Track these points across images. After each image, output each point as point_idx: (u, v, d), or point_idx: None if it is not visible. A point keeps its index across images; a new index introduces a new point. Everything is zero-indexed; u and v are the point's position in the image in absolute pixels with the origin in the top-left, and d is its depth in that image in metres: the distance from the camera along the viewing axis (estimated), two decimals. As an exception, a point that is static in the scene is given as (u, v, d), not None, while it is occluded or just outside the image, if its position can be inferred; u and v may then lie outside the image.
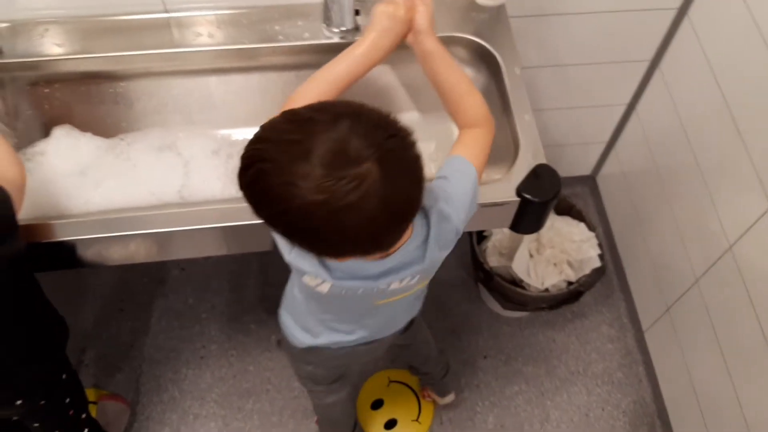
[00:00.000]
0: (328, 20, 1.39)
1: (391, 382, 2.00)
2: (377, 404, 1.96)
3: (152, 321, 2.07)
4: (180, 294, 2.12)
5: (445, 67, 1.13)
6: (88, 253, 1.23)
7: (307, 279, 1.04)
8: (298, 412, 1.94)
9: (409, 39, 1.14)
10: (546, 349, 2.09)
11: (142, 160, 1.37)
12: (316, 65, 1.14)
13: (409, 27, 1.12)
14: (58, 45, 1.37)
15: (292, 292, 1.26)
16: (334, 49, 1.20)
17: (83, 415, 1.54)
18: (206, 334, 2.06)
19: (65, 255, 1.21)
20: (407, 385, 1.99)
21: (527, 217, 1.30)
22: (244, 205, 0.85)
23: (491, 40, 1.42)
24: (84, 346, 2.01)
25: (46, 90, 1.40)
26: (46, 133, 1.39)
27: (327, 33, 1.41)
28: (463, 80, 1.13)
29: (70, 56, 1.37)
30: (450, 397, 1.94)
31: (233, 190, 1.33)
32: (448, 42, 1.46)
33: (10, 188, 1.03)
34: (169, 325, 2.06)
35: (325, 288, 1.03)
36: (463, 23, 1.45)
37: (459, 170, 1.05)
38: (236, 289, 2.14)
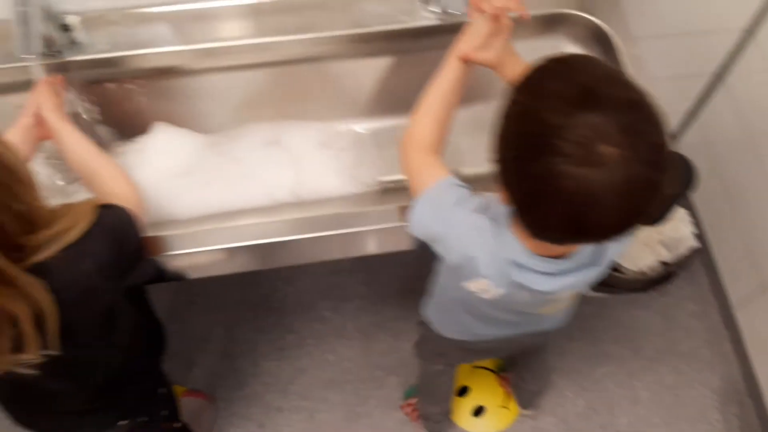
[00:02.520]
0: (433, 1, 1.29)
1: (475, 367, 1.94)
2: (462, 391, 1.91)
3: (226, 313, 1.99)
4: (252, 285, 2.04)
5: None
6: (205, 264, 1.16)
7: (470, 284, 0.98)
8: (383, 402, 1.88)
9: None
10: (631, 328, 2.03)
11: (250, 158, 1.28)
12: (416, 50, 1.14)
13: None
14: (144, 38, 1.26)
15: (442, 293, 1.19)
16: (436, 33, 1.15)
17: (178, 425, 1.49)
18: (281, 325, 1.99)
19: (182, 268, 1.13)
20: (492, 371, 1.94)
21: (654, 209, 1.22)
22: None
23: (600, 14, 1.32)
24: (156, 340, 1.94)
25: (131, 86, 1.30)
26: (136, 131, 1.30)
27: (425, 14, 1.31)
28: None
29: (155, 50, 1.27)
30: (530, 412, 1.90)
31: (350, 186, 1.26)
32: (550, 20, 1.37)
33: (131, 206, 0.95)
34: (243, 317, 1.99)
35: (492, 294, 0.98)
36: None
37: None
38: (307, 277, 2.06)
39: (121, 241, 0.90)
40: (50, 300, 0.80)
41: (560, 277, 0.94)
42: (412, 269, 2.09)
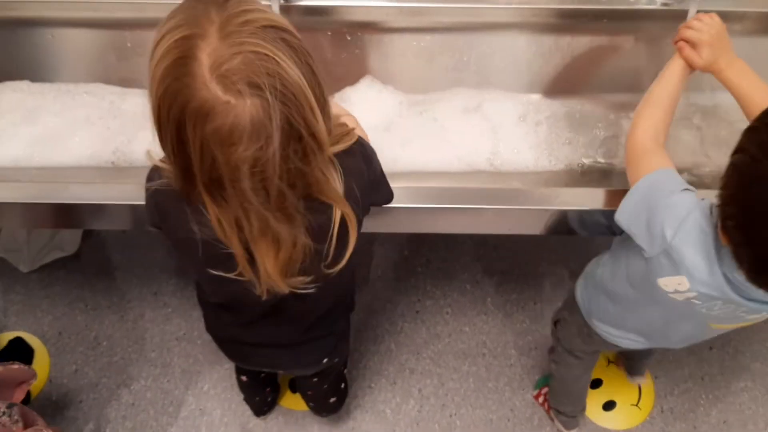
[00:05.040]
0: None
1: (610, 362, 1.92)
2: (596, 384, 1.89)
3: (369, 269, 2.04)
4: (395, 244, 2.08)
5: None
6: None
7: (667, 281, 0.96)
8: (515, 380, 1.89)
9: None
10: (776, 347, 1.96)
11: (449, 122, 1.29)
12: (631, 32, 1.16)
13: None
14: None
15: (616, 287, 1.18)
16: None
17: (345, 370, 1.55)
18: (421, 289, 2.02)
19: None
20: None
21: None
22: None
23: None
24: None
25: (348, 38, 1.33)
26: (344, 82, 1.33)
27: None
28: None
29: (369, 4, 1.30)
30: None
31: (546, 161, 1.26)
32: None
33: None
34: (384, 275, 2.04)
35: (684, 296, 0.97)
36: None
37: None
38: (452, 246, 2.09)
39: (374, 164, 0.96)
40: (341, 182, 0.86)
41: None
42: (556, 253, 2.08)
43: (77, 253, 2.06)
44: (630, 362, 1.85)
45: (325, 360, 1.26)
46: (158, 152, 0.82)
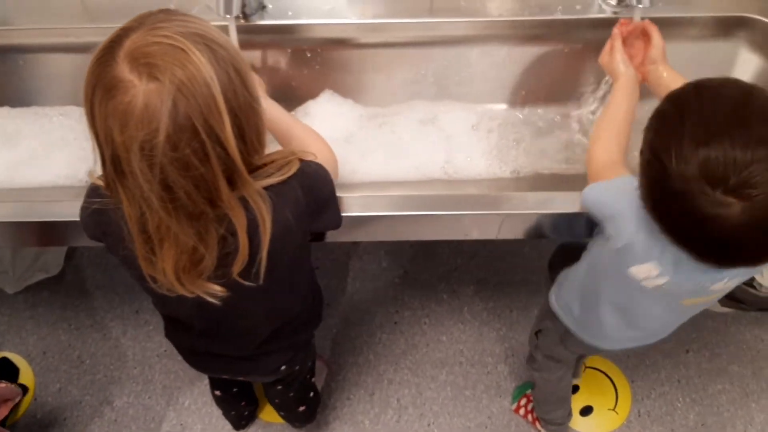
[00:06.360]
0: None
1: (587, 367, 1.94)
2: (572, 389, 1.91)
3: (347, 281, 2.07)
4: (374, 255, 2.11)
5: None
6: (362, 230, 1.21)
7: (638, 270, 1.00)
8: (492, 388, 1.91)
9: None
10: (753, 348, 1.98)
11: (406, 133, 1.33)
12: (582, 40, 1.22)
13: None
14: (323, 9, 1.34)
15: (594, 281, 1.21)
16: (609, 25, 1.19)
17: (313, 379, 1.57)
18: (399, 300, 2.05)
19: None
20: (604, 373, 1.93)
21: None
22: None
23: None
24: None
25: (309, 54, 1.37)
26: (305, 96, 1.37)
27: (603, 6, 1.33)
28: None
29: (328, 22, 1.33)
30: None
31: (497, 169, 1.29)
32: (728, 24, 1.35)
33: (325, 165, 1.01)
34: (363, 287, 2.06)
35: (658, 282, 1.00)
36: (751, 0, 1.33)
37: None
38: (429, 257, 2.12)
39: (316, 192, 0.97)
40: (269, 214, 0.87)
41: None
42: (532, 261, 2.11)
43: (61, 273, 2.10)
44: None
45: (282, 368, 1.28)
46: (98, 171, 0.86)
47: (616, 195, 1.00)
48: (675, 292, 1.03)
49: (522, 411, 1.86)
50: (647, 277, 0.99)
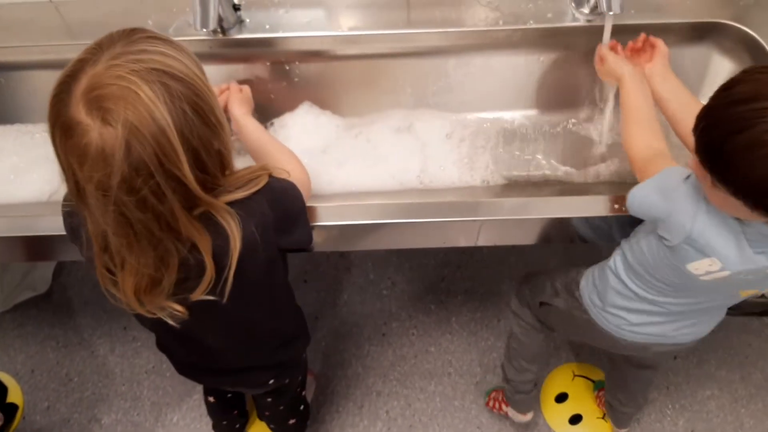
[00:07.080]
0: (578, 2, 1.32)
1: (575, 376, 1.94)
2: (561, 398, 1.91)
3: (335, 294, 2.07)
4: (361, 268, 2.12)
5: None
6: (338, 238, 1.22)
7: (695, 265, 1.00)
8: (481, 398, 1.91)
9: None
10: (741, 353, 1.98)
11: (382, 143, 1.34)
12: (564, 48, 1.23)
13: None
14: (300, 21, 1.35)
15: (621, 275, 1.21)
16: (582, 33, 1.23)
17: (304, 393, 1.57)
18: (387, 311, 2.05)
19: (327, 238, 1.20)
20: (593, 381, 1.93)
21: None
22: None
23: (753, 25, 1.31)
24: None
25: (287, 67, 1.39)
26: (283, 108, 1.39)
27: (576, 14, 1.34)
28: None
29: (306, 35, 1.34)
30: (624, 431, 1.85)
31: (468, 177, 1.30)
32: (701, 29, 1.36)
33: (297, 184, 1.02)
34: (351, 300, 2.07)
35: (714, 276, 1.00)
36: (721, 7, 1.34)
37: None
38: (416, 268, 2.12)
39: (284, 207, 0.98)
40: (239, 229, 0.88)
41: None
42: (518, 270, 2.11)
43: (48, 291, 2.10)
44: (615, 414, 1.81)
45: (271, 381, 1.29)
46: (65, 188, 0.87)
47: (666, 191, 0.99)
48: (737, 283, 1.03)
49: (492, 402, 1.86)
50: (707, 272, 1.00)
